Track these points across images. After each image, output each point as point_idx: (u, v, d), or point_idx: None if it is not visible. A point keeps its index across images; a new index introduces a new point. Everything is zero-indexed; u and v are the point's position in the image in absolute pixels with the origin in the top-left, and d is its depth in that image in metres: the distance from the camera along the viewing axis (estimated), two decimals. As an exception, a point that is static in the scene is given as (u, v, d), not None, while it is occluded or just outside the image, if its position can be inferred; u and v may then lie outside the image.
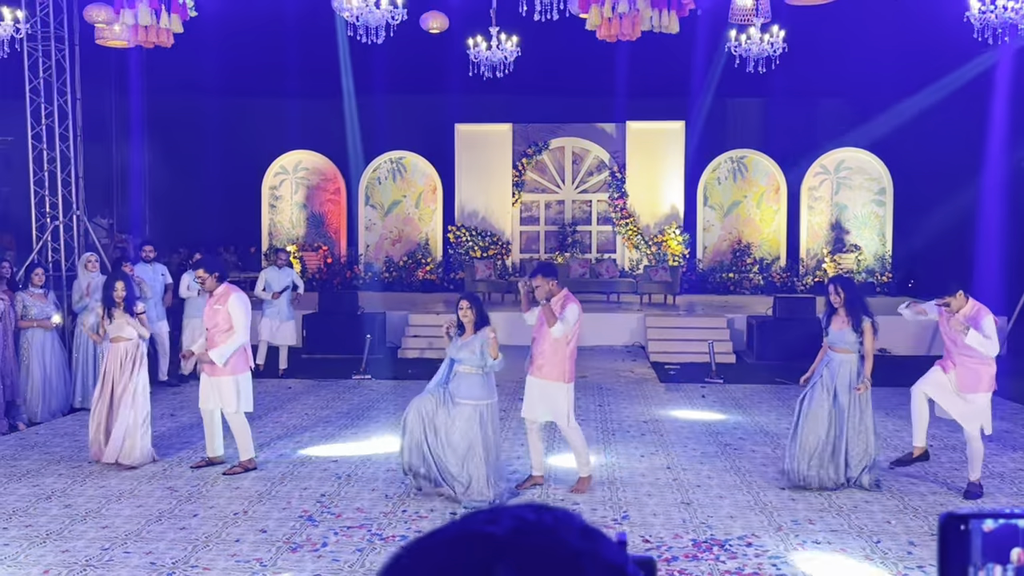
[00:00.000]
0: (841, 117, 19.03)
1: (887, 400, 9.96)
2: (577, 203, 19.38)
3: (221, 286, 7.16)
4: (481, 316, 6.34)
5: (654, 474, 7.14)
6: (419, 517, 6.01)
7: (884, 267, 18.37)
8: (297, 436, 8.44)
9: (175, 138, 18.81)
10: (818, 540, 5.60)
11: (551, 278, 6.54)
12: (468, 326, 6.34)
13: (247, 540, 5.57)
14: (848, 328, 6.63)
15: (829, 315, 6.76)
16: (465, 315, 6.32)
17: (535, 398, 6.62)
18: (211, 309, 7.15)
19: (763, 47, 10.97)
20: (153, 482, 6.85)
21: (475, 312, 6.32)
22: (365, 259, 19.28)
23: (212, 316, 7.12)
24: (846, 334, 6.63)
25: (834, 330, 6.68)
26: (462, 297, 6.50)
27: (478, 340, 6.28)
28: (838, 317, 6.71)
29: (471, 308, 6.34)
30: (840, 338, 6.65)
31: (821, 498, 6.46)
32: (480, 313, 6.35)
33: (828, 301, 6.78)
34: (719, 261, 18.94)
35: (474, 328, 6.31)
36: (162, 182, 18.93)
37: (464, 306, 6.35)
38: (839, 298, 6.68)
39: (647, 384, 11.35)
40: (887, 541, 5.59)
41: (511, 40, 12.31)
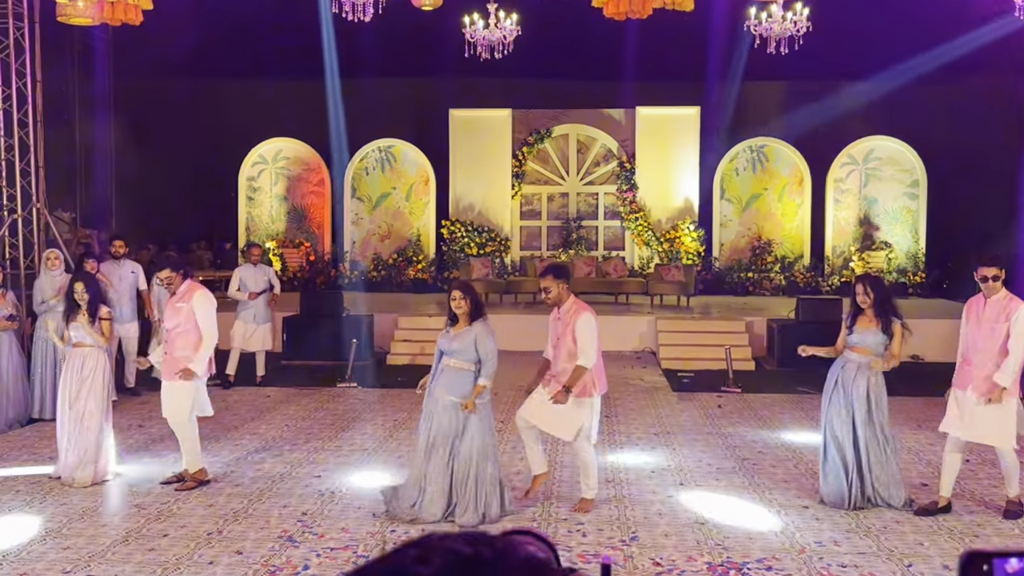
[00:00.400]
0: (871, 103, 19.03)
1: (920, 411, 9.98)
2: (582, 196, 19.39)
3: (185, 283, 7.20)
4: (476, 306, 6.36)
5: (666, 491, 7.14)
6: (408, 537, 6.00)
7: (917, 266, 18.39)
8: (276, 449, 8.44)
9: (144, 125, 18.80)
10: (844, 563, 5.60)
11: (563, 280, 6.53)
12: (462, 317, 6.35)
13: (221, 563, 5.57)
14: (875, 329, 6.64)
15: (855, 315, 6.76)
16: (459, 305, 6.33)
17: (542, 408, 6.58)
18: (172, 308, 7.16)
19: (785, 26, 10.98)
20: (119, 499, 6.85)
21: (469, 302, 6.33)
22: (351, 256, 19.30)
23: (174, 315, 7.14)
24: (870, 335, 6.65)
25: (859, 329, 6.68)
26: (454, 285, 6.49)
27: (473, 333, 6.28)
28: (864, 317, 6.71)
29: (464, 298, 6.34)
30: (863, 339, 6.66)
31: (848, 518, 6.46)
32: (475, 303, 6.37)
33: (854, 301, 6.77)
34: (737, 259, 18.96)
35: (468, 319, 6.32)
36: (130, 172, 18.89)
37: (457, 296, 6.36)
38: (868, 299, 6.68)
39: (658, 393, 11.35)
40: (919, 564, 5.59)
41: (510, 18, 12.31)
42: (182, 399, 7.09)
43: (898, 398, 10.54)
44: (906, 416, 9.88)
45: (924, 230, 18.64)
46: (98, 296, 7.53)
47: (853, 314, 6.79)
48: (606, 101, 19.05)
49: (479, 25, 12.37)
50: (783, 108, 19.05)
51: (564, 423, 6.57)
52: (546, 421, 6.65)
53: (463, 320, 6.34)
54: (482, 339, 6.31)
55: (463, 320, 6.34)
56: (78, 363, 7.36)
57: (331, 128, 19.00)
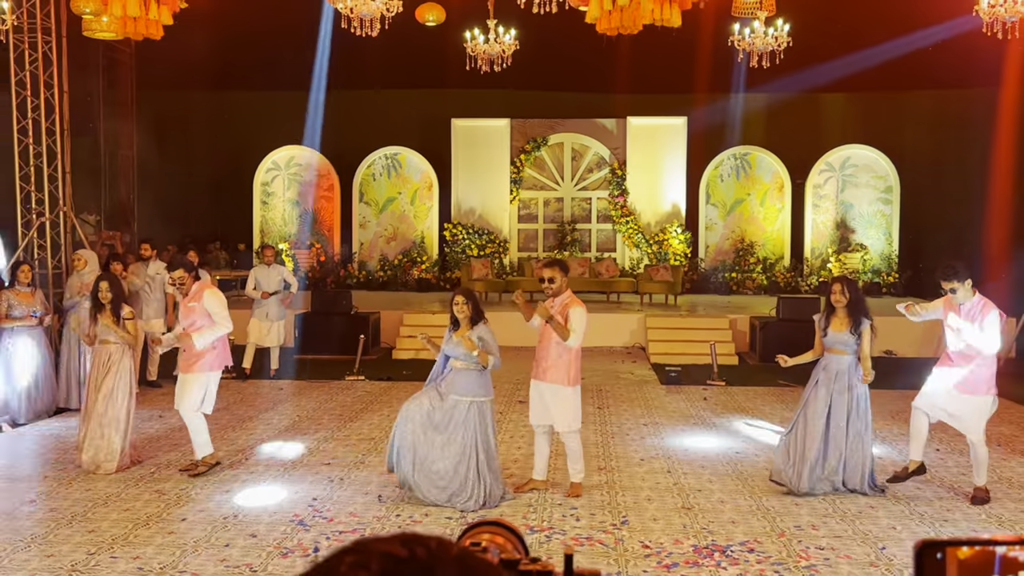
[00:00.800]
0: (847, 113, 19.05)
1: (893, 403, 9.98)
2: (576, 200, 19.39)
3: (195, 283, 7.24)
4: (476, 311, 6.37)
5: (654, 478, 7.14)
6: (414, 522, 6.01)
7: (890, 267, 18.40)
8: (288, 438, 8.43)
9: (164, 133, 18.78)
10: (822, 546, 5.60)
11: (565, 274, 6.55)
12: (463, 321, 6.35)
13: (237, 545, 5.57)
14: (847, 331, 6.65)
15: (828, 315, 6.76)
16: (461, 310, 6.35)
17: (542, 403, 6.60)
18: (186, 307, 7.18)
19: (767, 41, 10.98)
20: (140, 485, 6.85)
21: (471, 307, 6.35)
22: (359, 257, 19.29)
23: (188, 314, 7.16)
24: (845, 335, 6.65)
25: (833, 331, 6.68)
26: (457, 292, 6.52)
27: (476, 335, 6.29)
28: (837, 318, 6.71)
29: (467, 303, 6.37)
30: (839, 339, 6.66)
31: (825, 503, 6.47)
32: (476, 308, 6.39)
33: (829, 301, 6.76)
34: (721, 260, 18.97)
35: (469, 323, 6.33)
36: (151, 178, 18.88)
37: (459, 301, 6.37)
38: (844, 299, 6.68)
39: (647, 386, 11.35)
40: (892, 547, 5.59)
41: (509, 33, 12.31)
42: (195, 391, 7.10)
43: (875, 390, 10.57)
44: (880, 408, 9.86)
45: (897, 233, 18.65)
46: (120, 296, 7.51)
47: (827, 315, 6.77)
48: (599, 111, 19.05)
49: (480, 40, 12.36)
50: (765, 118, 19.06)
51: (568, 415, 6.56)
52: (554, 417, 6.64)
53: (465, 324, 6.35)
54: (487, 334, 6.36)
55: (465, 324, 6.35)
56: (104, 358, 7.36)
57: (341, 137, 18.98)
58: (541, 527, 5.95)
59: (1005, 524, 6.05)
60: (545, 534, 5.81)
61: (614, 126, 19.12)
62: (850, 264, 18.33)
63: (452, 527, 5.91)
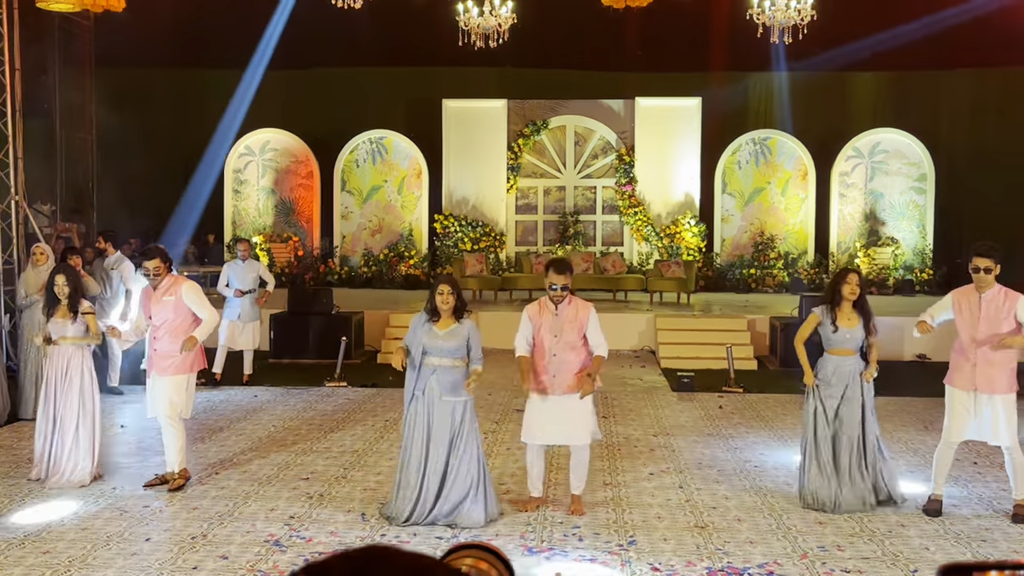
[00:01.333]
0: (877, 94, 19.07)
1: (927, 413, 10.01)
2: (580, 189, 19.40)
3: (168, 276, 7.25)
4: (461, 302, 6.42)
5: (665, 494, 7.15)
6: (400, 542, 6.02)
7: (924, 263, 18.43)
8: (264, 450, 8.44)
9: (127, 114, 18.74)
10: (848, 569, 5.62)
11: (569, 273, 6.54)
12: (447, 313, 6.36)
13: (206, 568, 5.57)
14: (858, 326, 6.70)
15: (834, 310, 6.74)
16: (446, 300, 6.36)
17: (559, 420, 6.55)
18: (159, 302, 7.16)
19: (789, 14, 10.99)
20: (100, 502, 6.85)
21: (456, 297, 6.39)
22: (341, 252, 19.29)
23: (161, 310, 7.16)
24: (858, 332, 6.70)
25: (844, 327, 6.70)
26: (442, 280, 6.49)
27: (465, 329, 6.35)
28: (843, 313, 6.72)
29: (453, 293, 6.39)
30: (851, 337, 6.70)
31: (852, 522, 6.48)
32: (461, 299, 6.43)
33: (838, 294, 6.72)
34: (739, 255, 18.99)
35: (453, 316, 6.35)
36: (112, 164, 18.85)
37: (446, 291, 6.37)
38: (858, 291, 6.72)
39: (657, 393, 11.37)
40: (925, 570, 5.61)
41: (506, 5, 12.31)
42: (173, 395, 7.12)
43: (904, 399, 10.61)
44: (913, 417, 9.91)
45: (932, 226, 18.67)
46: (79, 290, 7.51)
47: (832, 310, 6.75)
48: (605, 92, 19.06)
49: (473, 13, 12.36)
50: (787, 99, 19.08)
51: (582, 428, 6.54)
52: (564, 433, 6.62)
53: (448, 317, 6.36)
54: (475, 334, 6.41)
55: (448, 317, 6.36)
56: (61, 363, 7.34)
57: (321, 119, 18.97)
58: (541, 548, 5.96)
59: (1049, 545, 6.07)
60: (545, 555, 5.82)
61: (621, 108, 19.13)
62: (880, 259, 18.36)
63: (444, 547, 5.91)
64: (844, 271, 6.93)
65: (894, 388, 11.32)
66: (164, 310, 7.15)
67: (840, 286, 6.74)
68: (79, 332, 7.39)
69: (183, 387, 7.18)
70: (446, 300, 6.35)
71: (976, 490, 7.28)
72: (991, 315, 6.42)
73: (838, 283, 6.79)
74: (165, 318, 7.14)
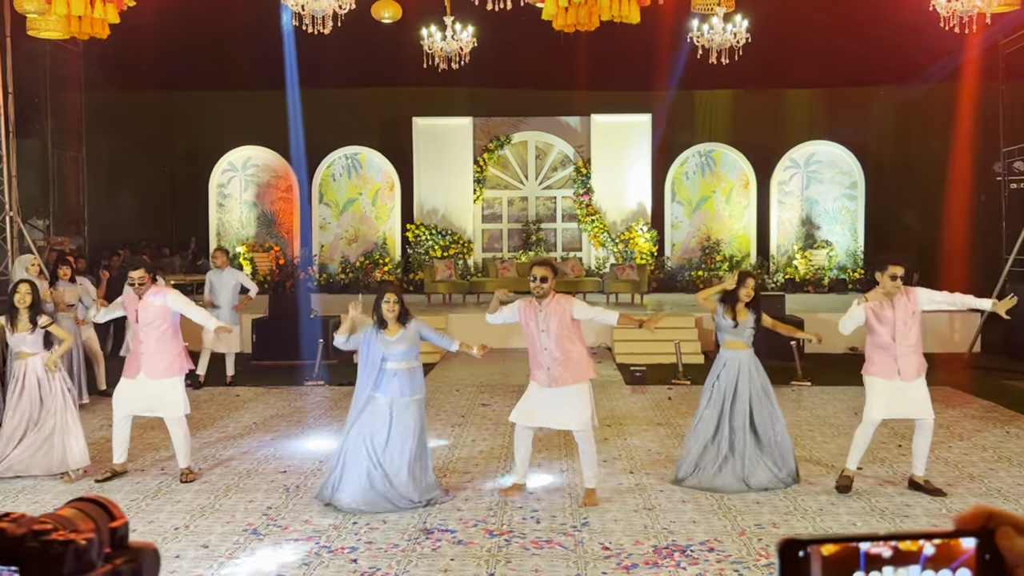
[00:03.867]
0: (811, 109, 19.29)
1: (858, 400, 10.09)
2: (541, 199, 19.44)
3: (153, 286, 7.22)
4: (405, 309, 6.46)
5: (616, 479, 7.19)
6: (370, 529, 6.00)
7: (856, 263, 18.64)
8: (244, 446, 8.38)
9: (115, 134, 18.56)
10: (782, 544, 5.67)
11: (555, 275, 6.56)
12: (393, 320, 6.38)
13: (187, 556, 5.53)
14: (750, 319, 6.87)
15: (733, 307, 6.87)
16: (392, 308, 6.38)
17: (557, 410, 6.51)
18: (146, 308, 7.12)
19: (726, 37, 11.10)
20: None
21: (401, 305, 6.43)
22: (319, 260, 19.18)
23: (146, 311, 7.11)
24: (747, 325, 6.87)
25: (742, 322, 6.87)
26: (389, 289, 6.49)
27: (413, 330, 6.38)
28: (739, 310, 6.87)
29: (399, 301, 6.43)
30: (742, 330, 6.87)
31: (787, 501, 6.55)
32: (404, 305, 6.48)
33: (734, 295, 6.89)
34: (688, 259, 19.12)
35: (399, 322, 6.37)
36: (101, 181, 18.66)
37: (392, 299, 6.40)
38: (754, 293, 6.93)
39: (612, 386, 11.41)
40: (852, 543, 5.67)
41: (466, 30, 12.32)
42: (178, 395, 7.12)
43: (839, 388, 10.74)
44: (845, 405, 10.03)
45: (863, 229, 18.90)
46: (39, 302, 7.38)
47: (731, 307, 6.88)
48: (562, 109, 19.12)
49: (436, 37, 12.36)
50: (729, 115, 19.26)
51: (578, 414, 6.48)
52: (558, 418, 6.61)
53: (394, 324, 6.38)
54: (425, 328, 6.51)
55: (394, 324, 6.38)
56: (20, 374, 7.17)
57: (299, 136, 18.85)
58: (501, 531, 5.96)
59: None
60: (505, 538, 5.83)
61: (578, 124, 19.20)
62: (816, 261, 18.55)
63: (411, 532, 5.91)
64: (744, 275, 7.05)
65: (827, 378, 11.45)
66: (150, 315, 7.09)
67: (739, 289, 6.91)
68: (36, 346, 7.22)
69: (180, 388, 7.14)
70: (392, 308, 6.37)
71: (900, 469, 7.38)
72: (905, 315, 6.65)
73: (738, 286, 6.94)
74: (150, 320, 7.09)
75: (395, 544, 5.71)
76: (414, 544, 5.72)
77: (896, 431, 8.22)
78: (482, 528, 6.03)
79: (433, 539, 5.82)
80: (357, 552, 5.58)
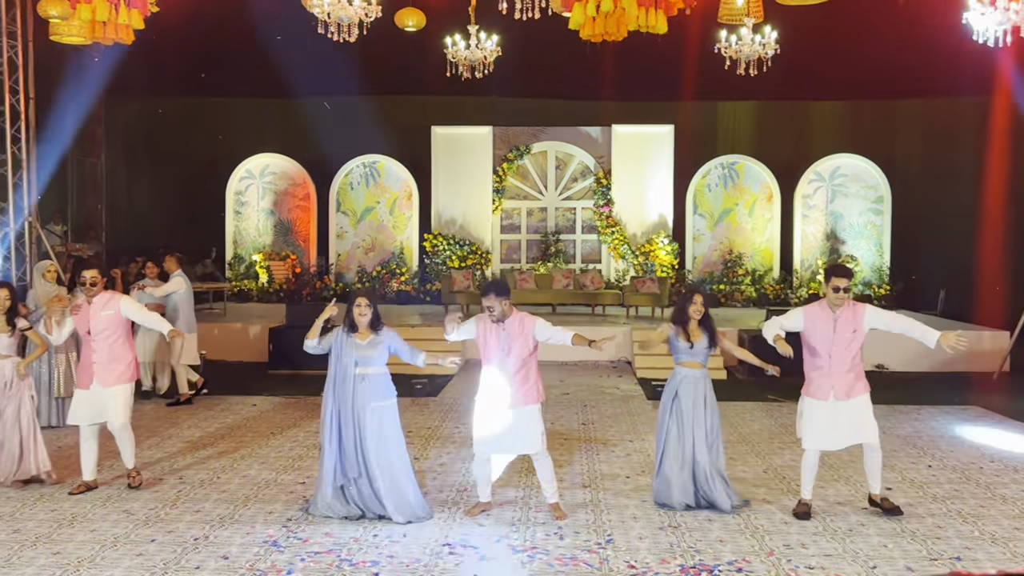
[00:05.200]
0: (837, 121, 19.24)
1: (883, 419, 10.05)
2: (561, 210, 19.46)
3: (105, 292, 7.29)
4: (377, 316, 6.58)
5: (640, 495, 7.16)
6: (391, 542, 6.00)
7: (881, 279, 18.55)
8: (262, 456, 8.40)
9: (135, 140, 18.74)
10: (811, 565, 5.64)
11: (505, 297, 6.46)
12: (364, 325, 6.50)
13: (208, 567, 5.54)
14: (704, 340, 6.80)
15: (686, 327, 6.79)
16: (363, 313, 6.51)
17: (511, 431, 6.50)
18: (97, 316, 7.16)
19: (754, 48, 11.09)
20: (108, 505, 6.80)
21: (373, 311, 6.56)
22: (336, 269, 19.26)
23: (99, 322, 7.15)
24: (702, 345, 6.80)
25: (696, 343, 6.80)
26: (362, 295, 6.61)
27: (384, 338, 6.52)
28: (692, 330, 6.77)
29: (370, 306, 6.57)
30: (698, 350, 6.79)
31: (815, 521, 6.51)
32: (377, 313, 6.60)
33: (685, 313, 6.79)
34: (709, 272, 19.08)
35: (371, 328, 6.50)
36: (120, 187, 18.81)
37: (363, 303, 6.53)
38: (702, 310, 6.82)
39: (633, 401, 11.38)
40: (883, 566, 5.63)
41: (491, 39, 12.37)
42: (126, 401, 7.16)
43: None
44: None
45: (888, 244, 18.82)
46: (17, 306, 7.48)
47: (684, 327, 6.79)
48: (584, 119, 19.16)
49: (460, 46, 12.42)
50: (753, 127, 19.24)
51: (532, 436, 6.48)
52: (516, 443, 6.59)
53: (365, 329, 6.50)
54: (396, 338, 6.63)
55: (365, 329, 6.50)
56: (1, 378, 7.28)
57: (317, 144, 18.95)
58: (524, 547, 5.95)
59: (999, 542, 6.10)
60: (528, 554, 5.81)
61: (599, 134, 19.23)
62: (840, 276, 18.44)
63: (433, 547, 5.91)
64: (690, 292, 6.97)
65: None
66: (102, 324, 7.14)
67: (687, 306, 6.82)
68: (10, 348, 7.31)
69: (127, 395, 7.19)
70: (363, 312, 6.51)
71: (931, 491, 7.32)
72: (845, 331, 6.52)
73: (685, 304, 6.85)
74: (102, 328, 7.13)
75: (417, 559, 5.70)
76: (436, 559, 5.71)
77: (925, 451, 8.13)
78: (505, 544, 6.01)
79: (456, 555, 5.80)
80: (379, 566, 5.57)
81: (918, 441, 9.14)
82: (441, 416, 10.36)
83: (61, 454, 8.26)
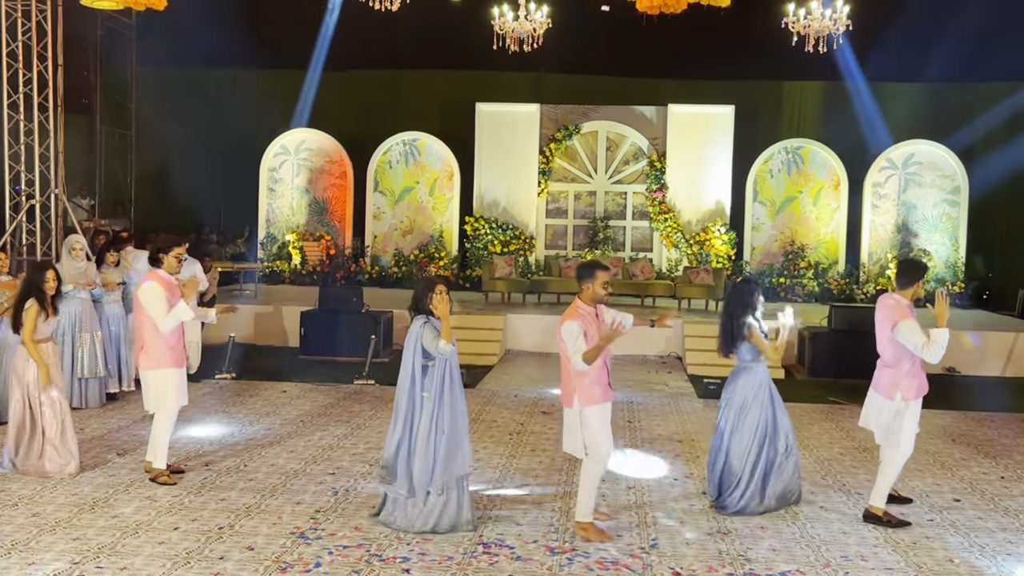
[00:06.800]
0: (911, 105, 18.91)
1: (954, 426, 9.91)
2: (610, 195, 19.38)
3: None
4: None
5: (688, 500, 7.13)
6: (423, 539, 6.04)
7: (956, 276, 18.22)
8: (291, 445, 8.50)
9: (166, 112, 18.96)
10: (871, 579, 5.58)
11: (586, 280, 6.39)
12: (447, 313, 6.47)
13: (232, 558, 5.62)
14: None
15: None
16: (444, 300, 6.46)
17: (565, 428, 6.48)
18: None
19: (824, 24, 10.93)
20: (131, 491, 6.92)
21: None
22: (372, 251, 19.38)
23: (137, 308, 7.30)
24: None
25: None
26: (440, 282, 6.63)
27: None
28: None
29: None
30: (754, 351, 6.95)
31: (876, 532, 6.43)
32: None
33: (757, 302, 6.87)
34: (769, 264, 18.88)
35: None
36: (150, 160, 19.08)
37: (445, 289, 6.56)
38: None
39: (683, 399, 11.32)
40: (949, 583, 5.55)
41: (541, 10, 12.34)
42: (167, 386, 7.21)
43: (933, 411, 10.49)
44: (941, 430, 9.80)
45: (964, 238, 18.47)
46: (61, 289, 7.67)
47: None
48: (637, 98, 19.03)
49: (508, 17, 12.40)
50: (821, 109, 18.98)
51: (570, 438, 6.34)
52: (565, 440, 6.45)
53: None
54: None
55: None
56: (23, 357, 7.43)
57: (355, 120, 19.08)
58: (563, 549, 5.95)
59: (1076, 561, 5.98)
60: (567, 556, 5.82)
61: (654, 114, 19.09)
62: (911, 272, 18.15)
63: (467, 546, 5.94)
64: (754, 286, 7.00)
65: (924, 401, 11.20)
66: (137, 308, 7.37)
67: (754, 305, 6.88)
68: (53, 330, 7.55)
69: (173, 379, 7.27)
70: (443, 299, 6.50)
71: (1003, 503, 7.19)
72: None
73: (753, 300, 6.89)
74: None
75: (449, 556, 5.74)
76: (470, 558, 5.74)
77: (998, 461, 7.98)
78: (542, 545, 6.02)
79: (491, 554, 5.83)
80: (410, 563, 5.61)
81: (991, 450, 8.99)
82: (479, 408, 10.38)
83: (83, 436, 8.42)
